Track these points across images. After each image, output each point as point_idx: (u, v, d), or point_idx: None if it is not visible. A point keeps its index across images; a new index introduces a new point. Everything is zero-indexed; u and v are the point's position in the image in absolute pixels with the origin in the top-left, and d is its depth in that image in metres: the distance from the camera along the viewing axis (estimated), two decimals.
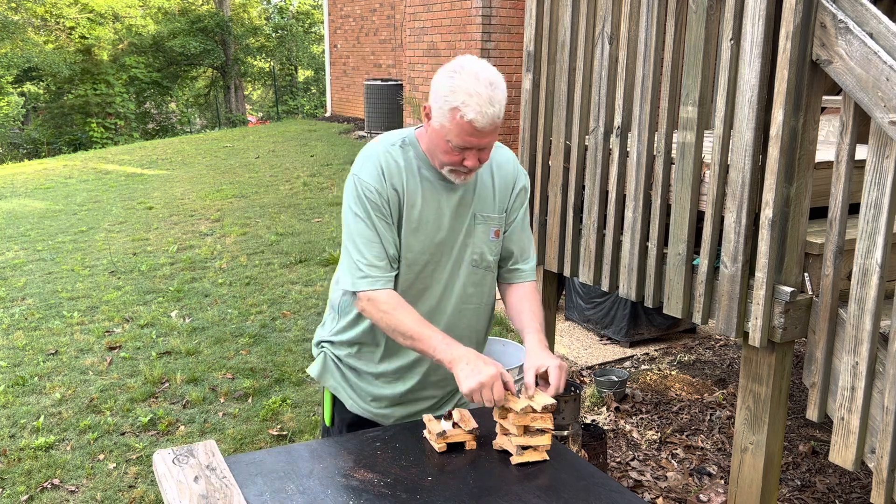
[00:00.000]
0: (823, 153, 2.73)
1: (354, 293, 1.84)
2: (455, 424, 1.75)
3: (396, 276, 1.85)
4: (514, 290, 1.99)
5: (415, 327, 1.75)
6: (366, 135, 11.96)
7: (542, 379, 1.74)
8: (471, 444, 1.75)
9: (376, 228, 1.79)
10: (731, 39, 2.33)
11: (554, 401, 1.67)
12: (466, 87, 1.66)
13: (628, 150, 2.79)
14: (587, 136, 3.03)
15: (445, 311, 1.91)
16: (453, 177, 1.79)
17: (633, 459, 3.32)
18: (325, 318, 2.08)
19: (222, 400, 3.90)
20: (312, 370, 2.06)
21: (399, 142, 1.85)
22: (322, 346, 2.05)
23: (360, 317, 1.92)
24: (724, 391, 3.98)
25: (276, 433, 3.54)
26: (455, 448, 1.74)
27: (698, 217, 2.57)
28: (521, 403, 1.66)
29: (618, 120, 2.82)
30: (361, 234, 1.80)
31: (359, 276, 1.80)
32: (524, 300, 1.95)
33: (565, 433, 2.94)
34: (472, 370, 1.66)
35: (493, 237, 1.92)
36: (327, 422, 2.08)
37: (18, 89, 22.57)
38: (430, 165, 1.83)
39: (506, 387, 1.68)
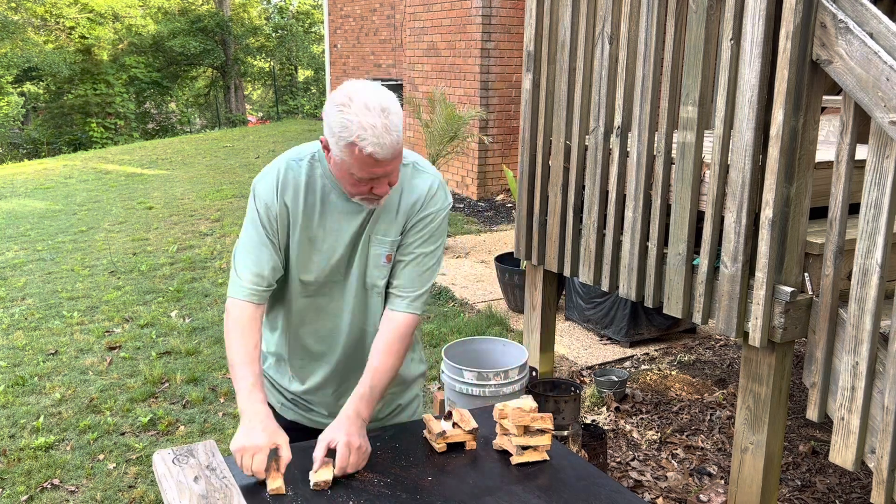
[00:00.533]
0: (823, 153, 2.73)
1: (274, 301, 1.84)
2: (455, 424, 1.75)
3: (295, 294, 1.82)
4: (384, 321, 1.83)
5: (238, 359, 1.70)
6: None
7: (333, 452, 1.65)
8: (471, 444, 1.75)
9: (258, 241, 1.75)
10: (731, 39, 2.33)
11: (328, 478, 1.58)
12: (359, 120, 1.56)
13: (628, 150, 2.79)
14: (587, 136, 3.03)
15: (342, 332, 1.87)
16: (366, 204, 1.72)
17: (633, 459, 3.32)
18: None
19: (222, 400, 3.90)
20: None
21: (308, 156, 1.78)
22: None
23: (272, 325, 1.93)
24: (724, 391, 3.98)
25: None
26: (455, 448, 1.74)
27: (698, 217, 2.57)
28: (276, 482, 1.57)
29: (618, 120, 2.82)
30: (245, 242, 1.77)
31: (230, 281, 1.79)
32: (378, 348, 1.79)
33: (565, 433, 2.94)
34: (247, 431, 1.60)
35: (385, 262, 1.82)
36: None
37: (18, 89, 22.56)
38: (336, 186, 1.76)
39: (277, 461, 1.61)
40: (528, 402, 1.75)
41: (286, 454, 1.62)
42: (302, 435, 1.86)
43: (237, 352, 1.71)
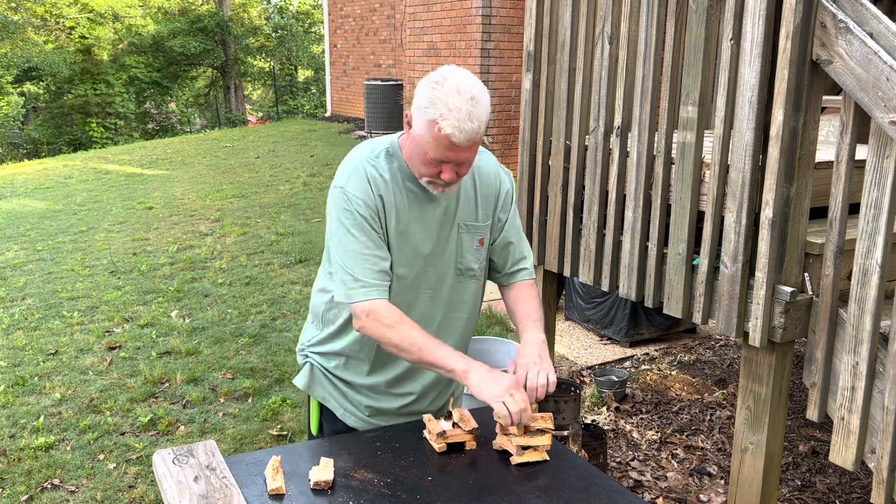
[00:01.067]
0: (823, 153, 2.73)
1: (348, 306, 1.81)
2: (455, 424, 1.75)
3: (390, 288, 1.83)
4: (513, 290, 1.99)
5: (423, 340, 1.73)
6: (366, 135, 11.95)
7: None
8: (471, 444, 1.75)
9: (369, 241, 1.76)
10: (731, 39, 2.33)
11: (328, 478, 1.59)
12: (447, 100, 1.62)
13: (628, 150, 2.79)
14: (587, 136, 3.03)
15: (434, 321, 1.90)
16: (431, 188, 1.76)
17: (633, 459, 3.32)
18: (307, 326, 2.05)
19: (222, 400, 3.90)
20: (299, 381, 2.03)
21: (383, 152, 1.81)
22: (307, 357, 2.02)
23: (345, 328, 1.90)
24: (724, 391, 3.98)
25: (276, 433, 3.54)
26: (455, 448, 1.74)
27: (698, 217, 2.57)
28: (276, 482, 1.57)
29: (618, 120, 2.82)
30: (353, 248, 1.76)
31: (353, 287, 1.76)
32: (522, 300, 1.95)
33: (565, 433, 2.94)
34: (491, 378, 1.66)
35: (478, 245, 1.90)
36: (314, 431, 2.06)
37: (18, 89, 22.56)
38: (412, 176, 1.80)
39: None
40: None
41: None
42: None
43: (418, 336, 1.73)
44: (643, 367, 4.30)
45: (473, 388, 1.67)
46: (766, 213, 2.27)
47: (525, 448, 1.70)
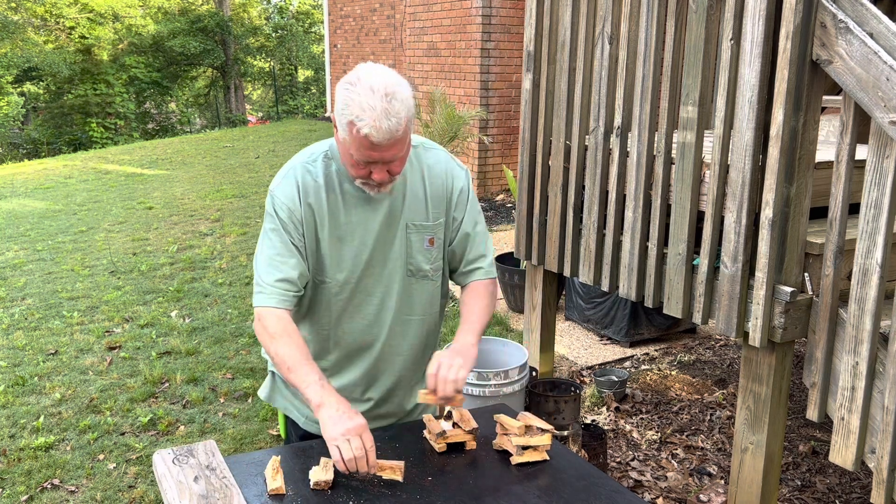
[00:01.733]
0: (823, 153, 2.73)
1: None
2: (455, 424, 1.75)
3: (332, 294, 1.81)
4: (467, 290, 1.92)
5: (294, 358, 1.67)
6: None
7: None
8: (471, 444, 1.75)
9: (283, 248, 1.74)
10: (731, 39, 2.33)
11: (328, 478, 1.57)
12: (360, 100, 1.57)
13: (628, 150, 2.79)
14: (587, 136, 3.03)
15: (385, 324, 1.86)
16: (367, 189, 1.73)
17: (633, 459, 3.32)
18: None
19: (222, 400, 3.90)
20: (261, 392, 2.03)
21: (321, 156, 1.79)
22: (270, 366, 2.02)
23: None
24: (724, 391, 3.98)
25: (276, 433, 3.54)
26: (455, 448, 1.74)
27: (698, 217, 2.57)
28: (276, 482, 1.55)
29: (618, 120, 2.82)
30: (267, 250, 1.75)
31: (257, 291, 1.75)
32: (470, 299, 1.88)
33: (565, 433, 2.94)
34: (339, 416, 1.57)
35: (428, 245, 1.85)
36: (283, 436, 2.08)
37: (18, 89, 22.56)
38: (350, 179, 1.76)
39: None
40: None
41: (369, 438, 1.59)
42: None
43: (290, 354, 1.68)
44: (643, 367, 4.30)
45: (321, 424, 1.60)
46: (766, 213, 2.27)
47: (525, 448, 1.70)
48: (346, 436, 1.55)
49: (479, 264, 1.92)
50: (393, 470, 1.58)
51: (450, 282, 2.00)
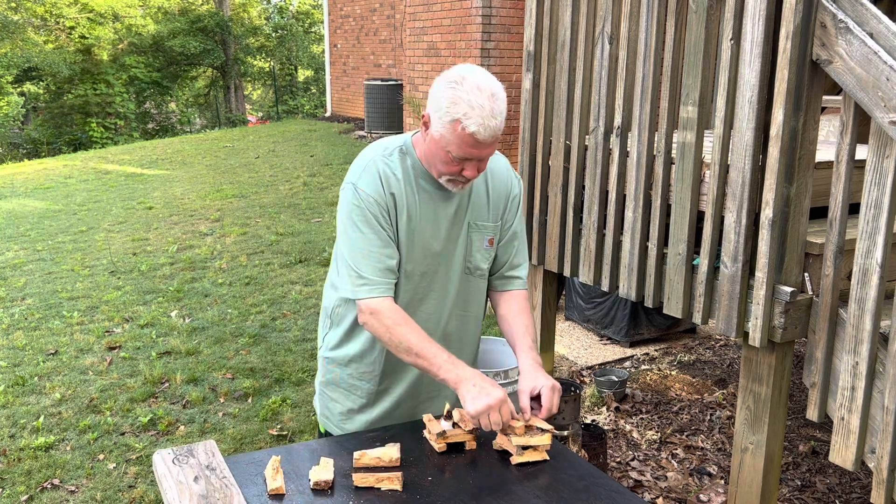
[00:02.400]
0: (823, 153, 2.73)
1: (355, 303, 1.82)
2: (455, 424, 1.75)
3: (399, 287, 1.84)
4: (505, 299, 1.97)
5: (420, 343, 1.73)
6: (366, 135, 11.96)
7: (536, 401, 1.74)
8: (471, 444, 1.75)
9: (377, 239, 1.77)
10: (731, 39, 2.33)
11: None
12: (469, 98, 1.63)
13: (628, 150, 2.79)
14: (587, 136, 3.03)
15: (442, 320, 1.91)
16: (451, 186, 1.77)
17: (633, 459, 3.32)
18: (320, 325, 2.06)
19: (222, 400, 3.90)
20: (315, 402, 2.11)
21: (396, 150, 1.82)
22: (327, 369, 2.02)
23: (355, 328, 1.90)
24: (724, 391, 3.98)
25: (276, 433, 3.54)
26: (455, 448, 1.74)
27: (698, 217, 2.57)
28: (276, 482, 1.57)
29: (618, 120, 2.82)
30: (361, 245, 1.77)
31: (358, 284, 1.77)
32: (519, 314, 1.93)
33: (565, 433, 2.94)
34: (479, 391, 1.65)
35: (488, 245, 1.91)
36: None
37: (18, 89, 22.56)
38: (426, 174, 1.81)
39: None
40: (541, 424, 1.75)
41: (512, 404, 1.69)
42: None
43: (415, 339, 1.73)
44: (643, 367, 4.30)
45: (462, 400, 1.68)
46: (766, 213, 2.27)
47: (525, 448, 1.70)
48: (487, 411, 1.64)
49: (520, 273, 1.99)
50: (391, 480, 1.58)
51: None
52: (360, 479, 1.59)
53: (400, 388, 1.95)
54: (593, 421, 3.56)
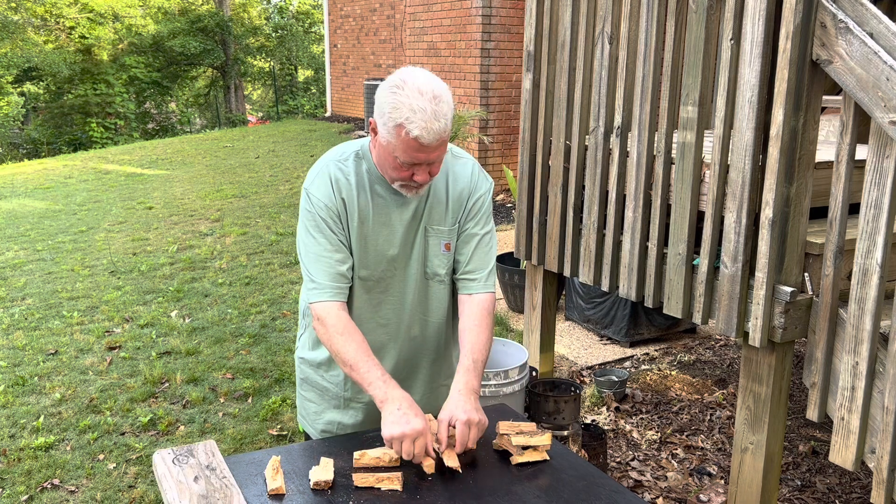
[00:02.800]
0: (823, 153, 2.73)
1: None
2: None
3: (351, 293, 1.84)
4: (464, 307, 1.89)
5: (356, 356, 1.71)
6: (365, 135, 11.96)
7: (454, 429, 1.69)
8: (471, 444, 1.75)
9: (328, 243, 1.77)
10: (731, 39, 2.33)
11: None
12: (410, 102, 1.60)
13: (628, 150, 2.79)
14: (587, 136, 3.03)
15: (403, 324, 1.90)
16: (405, 191, 1.76)
17: (633, 459, 3.32)
18: (299, 326, 2.08)
19: (222, 400, 3.90)
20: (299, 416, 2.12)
21: (352, 155, 1.81)
22: (301, 369, 2.04)
23: None
24: (724, 391, 3.98)
25: (276, 433, 3.54)
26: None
27: (698, 217, 2.57)
28: (276, 482, 1.56)
29: (618, 120, 2.82)
30: (313, 249, 1.78)
31: (310, 288, 1.79)
32: (471, 329, 1.83)
33: (565, 433, 2.94)
34: (400, 416, 1.62)
35: (444, 250, 1.88)
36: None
37: (18, 89, 22.56)
38: (381, 179, 1.80)
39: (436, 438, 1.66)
40: (451, 460, 1.68)
41: (438, 434, 1.66)
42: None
43: (352, 351, 1.72)
44: (643, 367, 4.30)
45: (382, 420, 1.65)
46: (766, 213, 2.27)
47: (525, 448, 1.70)
48: (401, 439, 1.60)
49: (476, 276, 1.90)
50: (391, 480, 1.58)
51: None
52: (360, 479, 1.59)
53: (367, 395, 1.91)
54: (593, 421, 3.56)
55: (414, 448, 1.60)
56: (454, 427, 1.67)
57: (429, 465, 1.64)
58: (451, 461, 1.62)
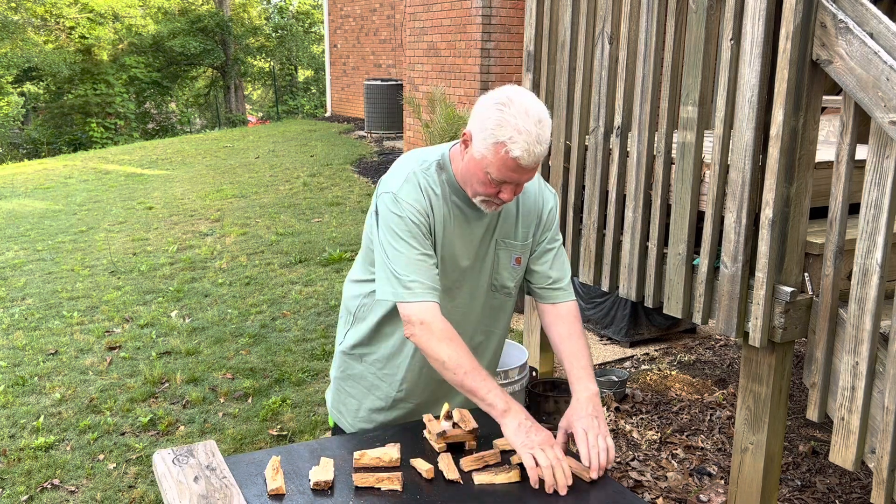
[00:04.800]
0: (823, 153, 2.73)
1: (381, 302, 1.81)
2: (455, 424, 1.75)
3: None
4: (552, 318, 1.91)
5: (471, 364, 1.67)
6: (365, 135, 11.96)
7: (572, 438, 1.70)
8: (471, 444, 1.75)
9: (422, 248, 1.73)
10: (731, 39, 2.33)
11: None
12: (516, 122, 1.59)
13: (628, 150, 2.79)
14: (587, 136, 3.03)
15: (466, 334, 1.86)
16: (484, 206, 1.74)
17: (633, 459, 3.32)
18: (340, 321, 2.03)
19: (222, 400, 3.90)
20: (328, 396, 2.10)
21: (434, 164, 1.79)
22: (348, 364, 2.00)
23: (382, 328, 1.88)
24: (724, 391, 3.98)
25: (276, 433, 3.54)
26: (455, 448, 1.74)
27: (698, 217, 2.57)
28: (276, 482, 1.55)
29: (618, 120, 2.82)
30: (406, 253, 1.72)
31: (404, 289, 1.71)
32: (568, 338, 1.86)
33: None
34: (529, 427, 1.60)
35: (515, 264, 1.88)
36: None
37: (18, 89, 22.56)
38: (459, 191, 1.78)
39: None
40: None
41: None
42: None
43: (465, 359, 1.67)
44: (643, 367, 4.30)
45: (506, 432, 1.62)
46: (766, 213, 2.27)
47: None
48: (542, 446, 1.58)
49: (563, 285, 1.93)
50: (391, 480, 1.58)
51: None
52: (360, 479, 1.59)
53: (419, 396, 1.93)
54: None
55: (557, 453, 1.57)
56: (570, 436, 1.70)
57: (428, 471, 1.64)
58: (452, 474, 1.62)
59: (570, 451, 1.75)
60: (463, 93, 8.21)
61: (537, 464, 1.56)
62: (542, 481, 1.56)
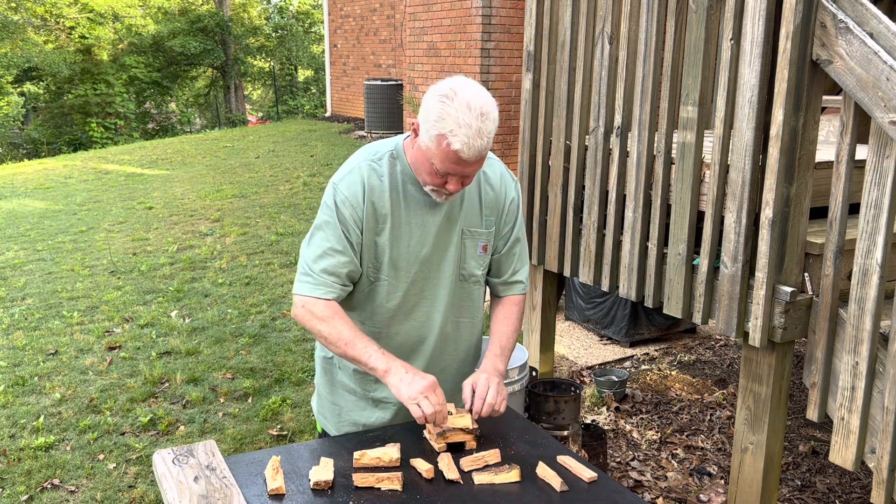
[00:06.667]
0: (823, 153, 2.73)
1: (351, 306, 1.83)
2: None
3: (386, 293, 1.83)
4: (500, 304, 2.00)
5: (351, 334, 1.73)
6: (365, 135, 11.96)
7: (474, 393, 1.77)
8: (471, 444, 1.75)
9: (338, 241, 1.76)
10: (731, 39, 2.33)
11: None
12: (457, 116, 1.60)
13: (628, 150, 2.79)
14: (587, 136, 3.03)
15: (436, 324, 1.90)
16: (435, 196, 1.76)
17: (633, 459, 3.32)
18: None
19: (222, 400, 3.90)
20: (313, 402, 2.10)
21: (387, 154, 1.81)
22: (325, 369, 2.01)
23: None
24: (724, 391, 3.98)
25: (276, 433, 3.54)
26: (455, 448, 1.74)
27: (698, 217, 2.57)
28: (276, 482, 1.56)
29: (618, 120, 2.82)
30: (320, 241, 1.77)
31: (302, 279, 1.78)
32: (503, 320, 1.97)
33: (565, 433, 2.94)
34: (410, 378, 1.67)
35: (482, 252, 1.90)
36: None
37: (18, 89, 22.55)
38: (414, 180, 1.79)
39: None
40: (465, 420, 1.73)
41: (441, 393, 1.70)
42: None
43: (345, 331, 1.73)
44: (643, 367, 4.30)
45: (392, 388, 1.69)
46: (766, 213, 2.27)
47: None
48: (424, 393, 1.65)
49: (520, 278, 1.99)
50: (391, 480, 1.58)
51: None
52: (360, 479, 1.59)
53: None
54: (593, 421, 3.56)
55: (437, 397, 1.65)
56: (473, 398, 1.76)
57: (428, 471, 1.64)
58: (452, 474, 1.62)
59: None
60: None
61: (423, 412, 1.65)
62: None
